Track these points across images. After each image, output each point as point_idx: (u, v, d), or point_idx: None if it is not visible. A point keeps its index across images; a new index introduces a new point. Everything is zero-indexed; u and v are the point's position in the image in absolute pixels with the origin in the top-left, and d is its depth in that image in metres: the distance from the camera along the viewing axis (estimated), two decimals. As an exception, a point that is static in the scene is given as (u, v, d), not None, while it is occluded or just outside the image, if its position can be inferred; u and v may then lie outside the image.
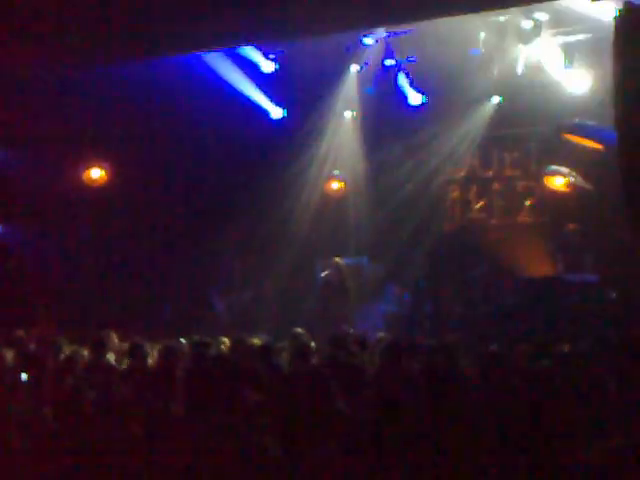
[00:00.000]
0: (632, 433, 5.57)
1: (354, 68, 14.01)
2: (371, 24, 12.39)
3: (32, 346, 9.10)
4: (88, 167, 14.38)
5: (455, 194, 14.55)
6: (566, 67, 12.67)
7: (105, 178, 14.41)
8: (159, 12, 10.76)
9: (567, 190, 13.13)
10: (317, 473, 5.69)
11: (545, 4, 11.52)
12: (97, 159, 14.36)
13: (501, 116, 13.60)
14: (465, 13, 11.32)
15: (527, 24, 12.44)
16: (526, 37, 12.65)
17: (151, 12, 10.79)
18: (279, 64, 13.76)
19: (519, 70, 13.02)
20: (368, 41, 13.46)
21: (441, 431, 5.75)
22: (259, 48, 13.55)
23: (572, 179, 13.01)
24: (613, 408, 5.99)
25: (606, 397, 6.19)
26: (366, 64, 13.88)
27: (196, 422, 6.17)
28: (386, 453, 5.68)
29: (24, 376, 7.66)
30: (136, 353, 8.35)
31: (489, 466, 5.56)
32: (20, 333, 10.08)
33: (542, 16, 12.20)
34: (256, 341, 10.14)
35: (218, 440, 5.93)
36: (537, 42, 12.58)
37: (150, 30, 11.01)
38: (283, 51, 13.70)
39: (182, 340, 9.16)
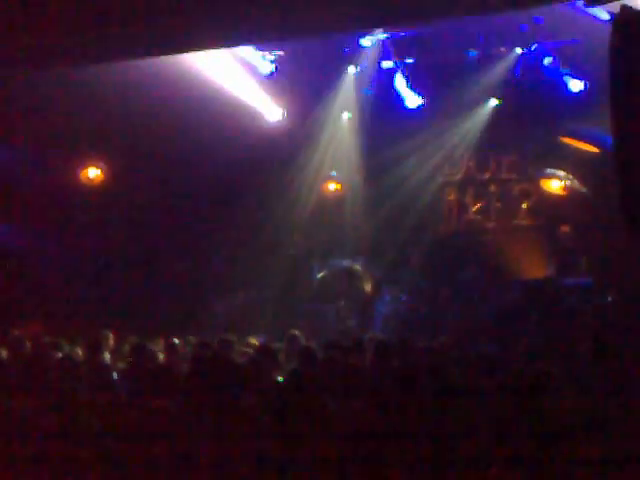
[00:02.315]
0: (630, 433, 5.59)
1: (352, 70, 14.02)
2: (369, 26, 12.39)
3: (28, 345, 9.09)
4: (85, 167, 14.38)
5: (452, 196, 14.57)
6: (563, 70, 12.71)
7: (102, 178, 14.41)
8: (157, 12, 10.76)
9: (563, 193, 13.17)
10: (314, 473, 5.70)
11: (542, 7, 11.54)
12: (94, 159, 14.36)
13: (498, 119, 13.62)
14: (464, 16, 11.34)
15: (525, 27, 12.49)
16: (524, 40, 12.70)
17: (149, 11, 10.78)
18: (277, 65, 13.76)
19: (516, 73, 13.05)
20: (366, 43, 13.47)
21: (435, 431, 5.76)
22: (257, 49, 13.56)
23: (568, 182, 13.05)
24: (610, 409, 6.01)
25: (603, 398, 6.21)
26: (364, 66, 13.89)
27: (193, 422, 6.18)
28: (380, 453, 5.69)
29: None
30: (135, 353, 8.35)
31: (486, 465, 5.58)
32: (16, 332, 10.07)
33: (539, 19, 12.24)
34: (254, 341, 10.17)
35: (215, 441, 5.93)
36: (534, 45, 12.62)
37: (148, 30, 11.00)
38: (281, 52, 13.71)
39: (176, 341, 9.16)
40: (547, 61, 12.89)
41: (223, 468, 5.89)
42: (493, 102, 13.74)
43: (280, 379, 7.15)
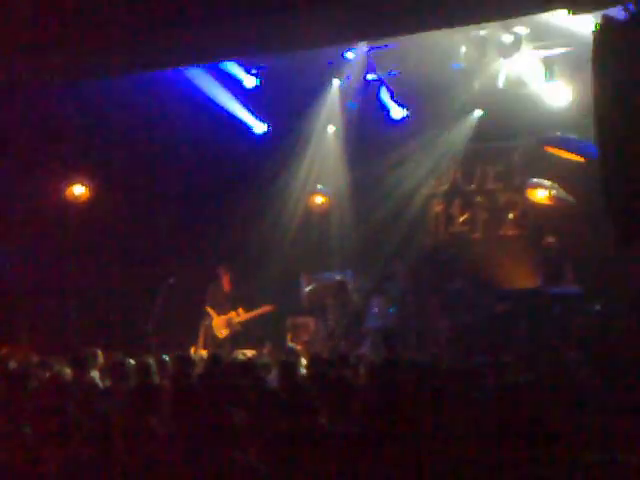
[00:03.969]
0: (622, 439, 5.59)
1: (336, 82, 14.04)
2: (354, 39, 12.42)
3: (12, 364, 9.03)
4: (71, 184, 14.33)
5: (438, 208, 14.58)
6: (547, 80, 12.74)
7: (88, 195, 14.36)
8: (144, 28, 10.76)
9: (549, 203, 13.19)
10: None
11: (525, 18, 11.59)
12: (80, 175, 14.31)
13: (483, 130, 13.66)
14: (446, 27, 11.36)
15: (507, 38, 12.50)
16: (507, 51, 12.71)
17: (136, 28, 10.78)
18: (261, 79, 13.77)
19: (500, 84, 13.09)
20: (350, 55, 13.49)
21: (427, 443, 5.75)
22: (241, 63, 13.57)
23: (554, 192, 13.06)
24: (597, 419, 6.00)
25: (589, 407, 6.22)
26: (348, 78, 13.91)
27: (180, 439, 6.14)
28: (374, 464, 5.67)
29: None
30: (119, 370, 8.30)
31: (478, 475, 5.56)
32: (3, 351, 10.02)
33: (522, 30, 12.26)
34: (240, 357, 10.13)
35: (203, 458, 5.89)
36: (518, 56, 12.66)
37: (134, 46, 11.00)
38: (265, 66, 13.72)
39: (166, 357, 9.11)
40: (530, 71, 12.92)
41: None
42: (478, 113, 13.78)
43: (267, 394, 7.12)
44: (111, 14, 10.05)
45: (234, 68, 13.60)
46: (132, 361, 8.67)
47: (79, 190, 14.34)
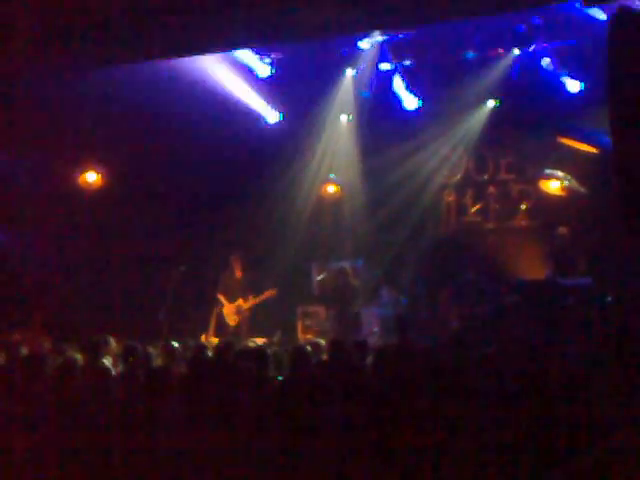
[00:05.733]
0: (630, 433, 5.58)
1: (350, 72, 14.02)
2: (367, 28, 12.40)
3: (24, 349, 9.08)
4: (84, 171, 14.38)
5: (451, 198, 14.56)
6: (560, 71, 12.71)
7: (100, 182, 14.41)
8: (157, 15, 10.78)
9: (562, 194, 13.16)
10: (314, 474, 5.70)
11: (540, 8, 11.57)
12: (93, 163, 14.36)
13: (496, 120, 13.62)
14: (461, 18, 11.35)
15: (522, 28, 12.49)
16: (521, 41, 12.70)
17: (149, 15, 10.80)
18: (275, 68, 13.77)
19: (514, 74, 13.06)
20: (364, 45, 13.47)
21: (434, 432, 5.77)
22: (255, 52, 13.57)
23: (567, 183, 13.04)
24: (608, 408, 6.00)
25: (600, 398, 6.21)
26: (362, 68, 13.90)
27: (193, 425, 6.18)
28: (383, 457, 5.69)
29: None
30: (132, 356, 8.34)
31: (489, 467, 5.58)
32: (16, 337, 10.08)
33: (537, 20, 12.24)
34: (252, 344, 10.17)
35: (215, 444, 5.93)
36: (532, 46, 12.63)
37: (148, 33, 11.02)
38: (279, 55, 13.71)
39: (175, 344, 9.15)
40: (545, 62, 12.89)
41: (223, 469, 5.89)
42: (491, 103, 13.75)
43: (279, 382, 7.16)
44: (124, 3, 10.09)
45: (248, 57, 13.60)
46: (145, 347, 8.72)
47: (92, 177, 14.40)
